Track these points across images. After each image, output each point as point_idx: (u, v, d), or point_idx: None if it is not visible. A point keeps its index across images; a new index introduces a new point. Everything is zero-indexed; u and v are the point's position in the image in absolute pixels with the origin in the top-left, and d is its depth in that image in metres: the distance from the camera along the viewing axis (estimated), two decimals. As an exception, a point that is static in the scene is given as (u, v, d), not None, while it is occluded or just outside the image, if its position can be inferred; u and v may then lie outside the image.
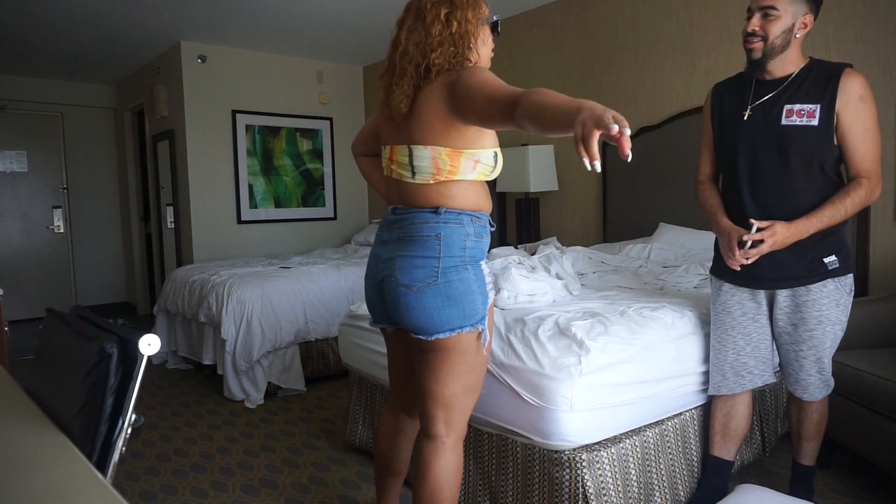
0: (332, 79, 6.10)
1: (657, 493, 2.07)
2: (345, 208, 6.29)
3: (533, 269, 2.65)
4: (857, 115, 1.83)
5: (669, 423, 2.16)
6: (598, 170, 1.10)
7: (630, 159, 1.07)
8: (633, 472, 2.00)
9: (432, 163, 1.57)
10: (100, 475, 0.92)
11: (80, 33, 4.85)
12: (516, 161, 4.15)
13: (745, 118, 1.96)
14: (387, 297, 1.65)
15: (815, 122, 1.85)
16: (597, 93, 4.16)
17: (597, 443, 1.93)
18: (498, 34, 1.69)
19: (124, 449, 1.14)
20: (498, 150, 1.65)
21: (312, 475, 2.65)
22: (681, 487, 2.17)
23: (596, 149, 1.09)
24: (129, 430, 1.14)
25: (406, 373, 1.83)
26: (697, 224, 3.41)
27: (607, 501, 1.88)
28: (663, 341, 2.11)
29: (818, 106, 1.85)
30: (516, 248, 3.27)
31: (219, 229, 5.46)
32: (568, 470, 1.87)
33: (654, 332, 2.10)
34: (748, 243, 1.91)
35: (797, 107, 1.87)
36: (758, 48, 1.89)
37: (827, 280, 1.92)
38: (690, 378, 2.19)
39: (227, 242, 5.50)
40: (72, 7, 4.25)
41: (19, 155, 6.38)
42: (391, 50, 1.67)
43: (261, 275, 3.99)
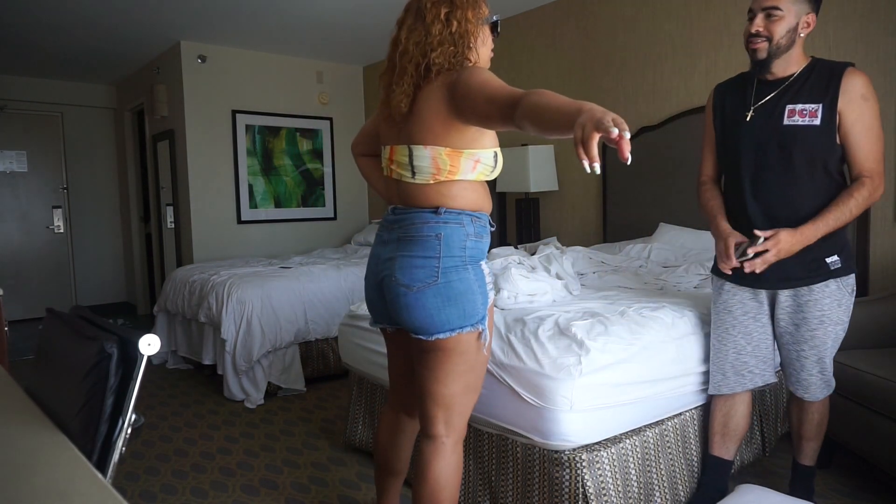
0: (332, 79, 6.10)
1: (657, 493, 2.07)
2: (345, 208, 6.29)
3: (533, 269, 2.65)
4: (860, 114, 1.83)
5: (669, 423, 2.16)
6: (598, 172, 1.09)
7: (630, 162, 1.07)
8: (633, 472, 2.00)
9: (432, 163, 1.57)
10: (100, 475, 0.92)
11: (80, 33, 4.85)
12: (516, 161, 4.15)
13: (748, 119, 1.96)
14: (387, 297, 1.65)
15: (817, 122, 1.84)
16: (597, 93, 4.16)
17: (597, 443, 1.93)
18: (498, 34, 1.69)
19: (124, 449, 1.14)
20: (498, 149, 1.65)
21: (312, 475, 2.65)
22: (681, 487, 2.17)
23: (595, 151, 1.09)
24: (129, 430, 1.14)
25: (406, 373, 1.83)
26: (697, 224, 3.41)
27: (607, 501, 1.88)
28: (663, 341, 2.11)
29: (820, 105, 1.84)
30: (516, 248, 3.27)
31: (219, 229, 5.46)
32: (568, 470, 1.87)
33: (654, 332, 2.10)
34: (750, 254, 1.89)
35: (799, 107, 1.87)
36: (762, 48, 1.88)
37: (829, 280, 1.92)
38: (690, 378, 2.19)
39: (227, 242, 5.50)
40: (72, 7, 4.25)
41: (19, 155, 6.38)
42: (391, 49, 1.67)
43: (261, 275, 3.99)
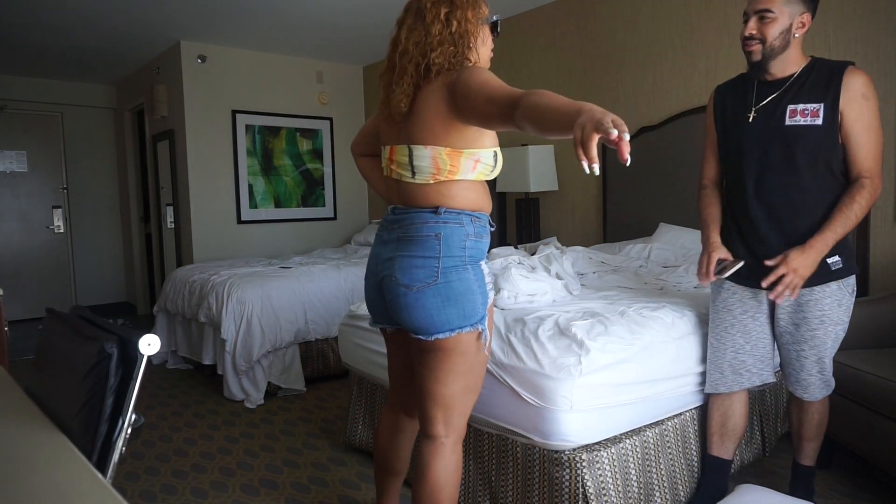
0: (332, 79, 6.10)
1: (657, 493, 2.07)
2: (345, 208, 6.29)
3: (533, 269, 2.65)
4: (860, 113, 1.83)
5: (669, 423, 2.16)
6: (597, 173, 1.09)
7: (629, 163, 1.07)
8: (633, 472, 2.00)
9: (432, 162, 1.57)
10: (100, 475, 0.92)
11: (80, 33, 4.85)
12: (516, 161, 4.15)
13: (750, 120, 1.96)
14: (386, 297, 1.65)
15: (819, 122, 1.84)
16: (597, 93, 4.16)
17: (597, 443, 1.93)
18: (498, 34, 1.69)
19: (124, 449, 1.14)
20: (498, 149, 1.65)
21: (312, 475, 2.65)
22: (681, 487, 2.17)
23: (595, 152, 1.09)
24: (129, 430, 1.14)
25: (406, 373, 1.83)
26: (697, 224, 3.38)
27: (607, 501, 1.88)
28: (663, 341, 2.11)
29: (821, 105, 1.84)
30: (516, 248, 3.27)
31: (219, 229, 5.46)
32: (568, 470, 1.87)
33: (654, 332, 2.10)
34: (734, 267, 1.98)
35: (800, 106, 1.87)
36: (757, 51, 1.88)
37: (830, 281, 1.92)
38: (690, 378, 2.19)
39: (227, 242, 5.50)
40: (72, 7, 4.25)
41: (19, 155, 6.38)
42: (391, 49, 1.66)
43: (261, 275, 3.99)
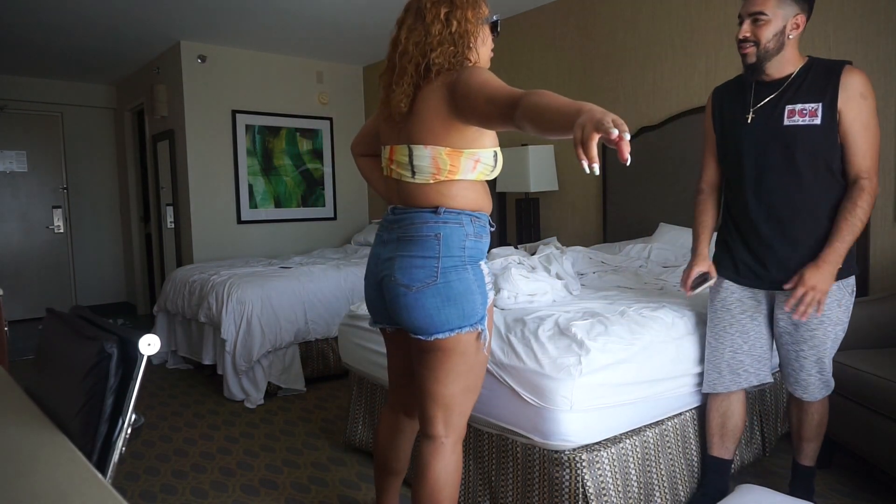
0: (332, 79, 6.10)
1: (657, 493, 2.07)
2: (345, 208, 6.29)
3: (533, 269, 2.64)
4: (859, 112, 1.83)
5: (669, 423, 2.16)
6: (597, 173, 1.09)
7: (629, 163, 1.07)
8: (633, 472, 2.00)
9: (432, 162, 1.57)
10: (99, 475, 0.92)
11: (80, 33, 4.85)
12: (516, 161, 4.15)
13: (749, 121, 1.96)
14: (386, 296, 1.65)
15: (817, 121, 1.84)
16: (597, 93, 4.16)
17: (597, 443, 1.93)
18: (498, 34, 1.69)
19: (124, 449, 1.14)
20: (498, 149, 1.64)
21: (312, 475, 2.64)
22: (681, 487, 2.17)
23: (595, 152, 1.09)
24: (129, 430, 1.14)
25: (406, 373, 1.83)
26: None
27: (607, 501, 1.88)
28: (663, 341, 2.11)
29: (819, 104, 1.84)
30: (516, 248, 3.27)
31: (219, 229, 5.46)
32: (568, 470, 1.87)
33: (654, 332, 2.10)
34: (704, 284, 2.08)
35: (798, 106, 1.87)
36: (751, 53, 1.89)
37: None
38: (691, 378, 2.19)
39: (227, 242, 5.50)
40: (72, 7, 4.24)
41: (19, 155, 6.38)
42: (391, 49, 1.66)
43: (261, 275, 3.99)
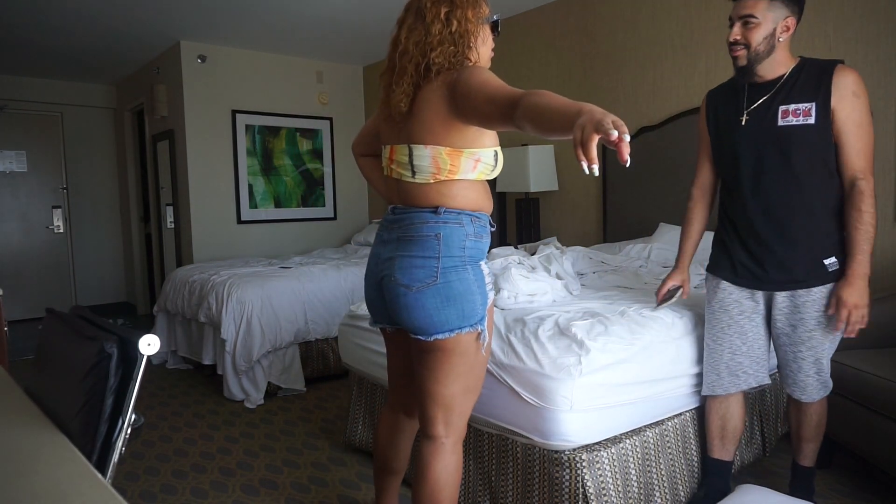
0: (332, 79, 6.10)
1: (657, 494, 2.07)
2: (345, 208, 6.29)
3: (533, 269, 2.64)
4: (852, 111, 1.83)
5: (669, 424, 2.16)
6: (596, 174, 1.09)
7: (629, 165, 1.06)
8: (634, 472, 1.99)
9: (432, 162, 1.57)
10: (99, 475, 0.92)
11: (80, 33, 4.85)
12: (516, 161, 4.15)
13: (743, 123, 1.97)
14: (386, 296, 1.65)
15: (811, 121, 1.85)
16: (597, 93, 4.16)
17: (597, 443, 1.93)
18: (498, 33, 1.69)
19: (124, 449, 1.14)
20: (498, 148, 1.64)
21: (312, 475, 2.64)
22: (681, 487, 2.17)
23: (594, 153, 1.08)
24: (129, 431, 1.14)
25: (406, 373, 1.83)
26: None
27: (607, 501, 1.88)
28: (663, 341, 2.11)
29: (813, 104, 1.85)
30: (516, 248, 3.27)
31: (219, 229, 5.46)
32: (568, 470, 1.87)
33: (654, 332, 2.10)
34: (672, 298, 2.21)
35: (792, 107, 1.87)
36: (742, 56, 1.90)
37: (828, 282, 1.92)
38: (691, 378, 2.19)
39: (227, 242, 5.50)
40: (72, 7, 4.24)
41: (19, 155, 6.38)
42: (391, 49, 1.66)
43: (261, 275, 3.99)
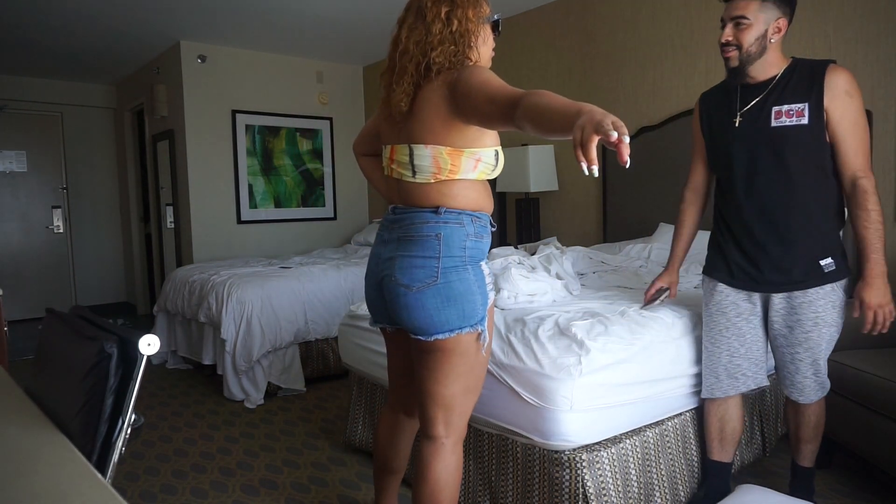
0: (332, 79, 6.10)
1: (657, 494, 2.07)
2: (345, 208, 6.29)
3: (533, 269, 2.64)
4: (846, 110, 1.83)
5: (669, 424, 2.16)
6: (596, 175, 1.09)
7: (629, 166, 1.06)
8: (634, 472, 1.99)
9: (433, 162, 1.57)
10: (99, 475, 0.92)
11: (80, 33, 4.85)
12: (516, 161, 4.15)
13: (737, 125, 1.97)
14: (386, 296, 1.65)
15: (805, 121, 1.85)
16: (597, 93, 4.16)
17: (597, 443, 1.93)
18: (499, 33, 1.68)
19: (124, 449, 1.14)
20: (499, 148, 1.64)
21: (312, 475, 2.64)
22: (681, 488, 2.17)
23: (594, 154, 1.08)
24: (129, 431, 1.14)
25: (406, 373, 1.83)
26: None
27: (607, 502, 1.88)
28: (663, 341, 2.11)
29: (806, 104, 1.85)
30: (516, 248, 3.27)
31: (219, 229, 5.46)
32: (568, 470, 1.87)
33: (654, 332, 2.10)
34: (658, 299, 2.26)
35: (785, 107, 1.88)
36: (734, 57, 1.90)
37: (824, 283, 1.92)
38: (690, 378, 2.19)
39: (227, 242, 5.50)
40: (72, 7, 4.24)
41: (19, 155, 6.38)
42: (391, 48, 1.66)
43: (261, 275, 3.99)
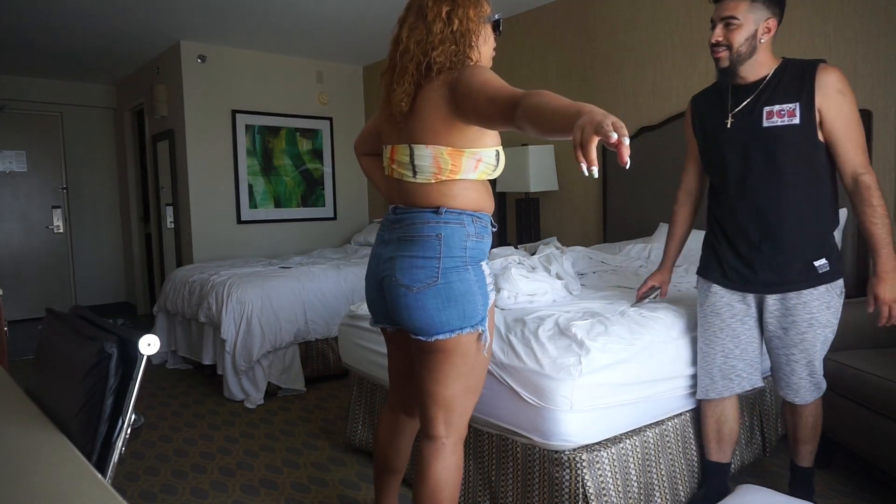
0: (332, 79, 6.10)
1: (657, 494, 2.07)
2: (345, 208, 6.29)
3: (533, 269, 2.64)
4: (839, 109, 1.83)
5: (669, 424, 2.16)
6: (596, 175, 1.08)
7: (629, 166, 1.06)
8: (634, 472, 1.99)
9: (433, 162, 1.57)
10: (99, 475, 0.92)
11: (80, 33, 4.85)
12: (516, 161, 4.15)
13: (729, 126, 1.97)
14: (387, 297, 1.65)
15: (796, 121, 1.85)
16: (597, 93, 4.16)
17: (597, 443, 1.93)
18: (500, 33, 1.68)
19: (124, 449, 1.14)
20: (500, 148, 1.64)
21: (312, 475, 2.64)
22: (681, 488, 2.17)
23: (594, 155, 1.08)
24: (129, 431, 1.14)
25: (406, 373, 1.83)
26: (697, 224, 3.40)
27: (607, 502, 1.88)
28: (663, 341, 2.11)
29: (797, 104, 1.85)
30: (516, 248, 3.27)
31: (219, 229, 5.46)
32: (568, 470, 1.87)
33: (654, 332, 2.10)
34: (648, 298, 2.30)
35: (776, 107, 1.88)
36: (724, 57, 1.90)
37: (818, 284, 1.92)
38: (691, 378, 2.18)
39: (227, 242, 5.50)
40: (72, 7, 4.24)
41: (19, 155, 6.38)
42: (392, 48, 1.66)
43: (261, 275, 3.99)
